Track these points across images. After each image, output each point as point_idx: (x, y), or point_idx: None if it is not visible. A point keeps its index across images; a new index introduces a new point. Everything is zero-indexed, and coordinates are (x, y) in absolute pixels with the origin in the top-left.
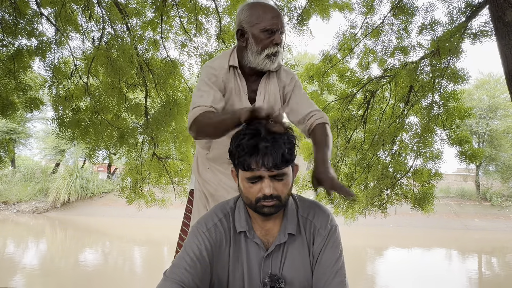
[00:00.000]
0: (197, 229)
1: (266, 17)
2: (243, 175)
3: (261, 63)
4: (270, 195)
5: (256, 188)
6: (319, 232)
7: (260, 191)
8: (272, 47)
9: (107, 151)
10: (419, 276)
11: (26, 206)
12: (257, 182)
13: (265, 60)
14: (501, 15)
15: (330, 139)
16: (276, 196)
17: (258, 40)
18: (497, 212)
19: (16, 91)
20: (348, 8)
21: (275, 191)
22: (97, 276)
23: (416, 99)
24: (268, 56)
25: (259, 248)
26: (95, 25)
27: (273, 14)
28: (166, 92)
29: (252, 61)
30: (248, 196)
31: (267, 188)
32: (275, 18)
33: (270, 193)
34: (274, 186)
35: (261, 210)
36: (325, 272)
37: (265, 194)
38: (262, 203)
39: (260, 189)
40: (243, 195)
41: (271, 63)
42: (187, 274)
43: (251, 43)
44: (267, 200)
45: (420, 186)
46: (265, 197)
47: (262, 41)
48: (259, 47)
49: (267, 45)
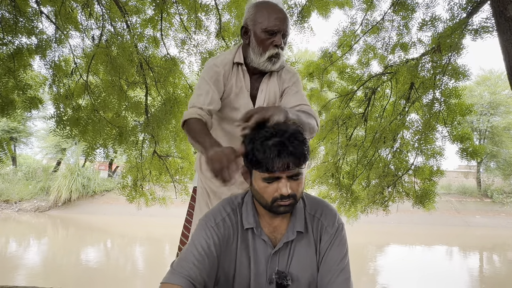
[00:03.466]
0: (205, 223)
1: (270, 18)
2: (259, 175)
3: (262, 65)
4: (287, 195)
5: (273, 188)
6: (327, 230)
7: (277, 191)
8: (272, 49)
9: (105, 149)
10: (421, 273)
11: (28, 205)
12: (273, 182)
13: (266, 62)
14: (502, 10)
15: (306, 117)
16: (292, 195)
17: (259, 40)
18: (498, 208)
19: (16, 89)
20: (348, 4)
21: (292, 190)
22: (99, 274)
23: (417, 96)
24: (269, 59)
25: (267, 245)
26: (95, 23)
27: (277, 15)
28: (166, 90)
29: (254, 61)
30: (264, 196)
31: (285, 189)
32: (278, 20)
33: (288, 193)
34: (291, 186)
35: (276, 209)
36: (330, 270)
37: (282, 194)
38: (279, 202)
39: (276, 189)
40: (259, 195)
41: (272, 65)
42: (195, 268)
43: (253, 42)
44: (284, 200)
45: (422, 183)
46: (282, 197)
47: (263, 42)
48: (260, 48)
49: (267, 46)
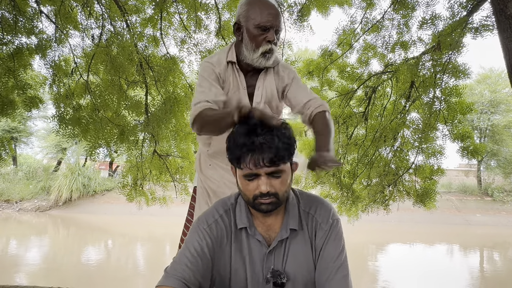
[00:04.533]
0: (198, 225)
1: (262, 14)
2: (240, 173)
3: (255, 61)
4: (267, 193)
5: (253, 186)
6: (321, 226)
7: (257, 188)
8: (265, 45)
9: (107, 148)
10: (421, 271)
11: (29, 205)
12: (254, 179)
13: (260, 58)
14: (503, 8)
15: (331, 127)
16: (273, 194)
17: (252, 36)
18: (498, 207)
19: (16, 89)
20: (347, 3)
21: (272, 188)
22: (100, 273)
23: (418, 94)
24: (263, 55)
25: (261, 245)
26: (95, 22)
27: (270, 11)
28: (166, 89)
29: (248, 57)
30: (246, 193)
31: (263, 186)
32: (271, 15)
33: (266, 191)
34: (271, 183)
35: (258, 207)
36: (328, 267)
37: (261, 191)
38: (259, 200)
39: (257, 186)
40: (241, 192)
41: (265, 60)
42: (188, 270)
43: (245, 38)
44: (264, 198)
45: (422, 182)
46: (262, 194)
47: (255, 38)
48: (253, 44)
49: (260, 42)
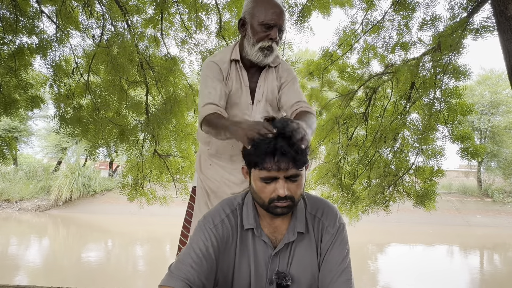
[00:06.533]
0: (204, 224)
1: (267, 12)
2: (257, 175)
3: (254, 55)
4: (284, 196)
5: (270, 189)
6: (328, 230)
7: (274, 191)
8: (266, 41)
9: (107, 148)
10: (421, 272)
11: (29, 204)
12: (271, 183)
13: (258, 52)
14: (503, 10)
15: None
16: (289, 197)
17: (255, 32)
18: (499, 208)
19: (18, 89)
20: (348, 4)
21: (289, 192)
22: (100, 273)
23: (418, 95)
24: (261, 49)
25: (267, 246)
26: (96, 22)
27: (275, 10)
28: (166, 89)
29: (248, 53)
30: (261, 196)
31: (281, 189)
32: (275, 14)
33: (284, 194)
34: (288, 187)
35: (273, 210)
36: (332, 270)
37: (279, 195)
38: (275, 203)
39: (274, 189)
40: (256, 194)
41: (263, 56)
42: (192, 271)
43: (248, 34)
44: (281, 201)
45: (422, 183)
46: (279, 198)
47: (258, 34)
48: (255, 39)
49: (262, 38)
